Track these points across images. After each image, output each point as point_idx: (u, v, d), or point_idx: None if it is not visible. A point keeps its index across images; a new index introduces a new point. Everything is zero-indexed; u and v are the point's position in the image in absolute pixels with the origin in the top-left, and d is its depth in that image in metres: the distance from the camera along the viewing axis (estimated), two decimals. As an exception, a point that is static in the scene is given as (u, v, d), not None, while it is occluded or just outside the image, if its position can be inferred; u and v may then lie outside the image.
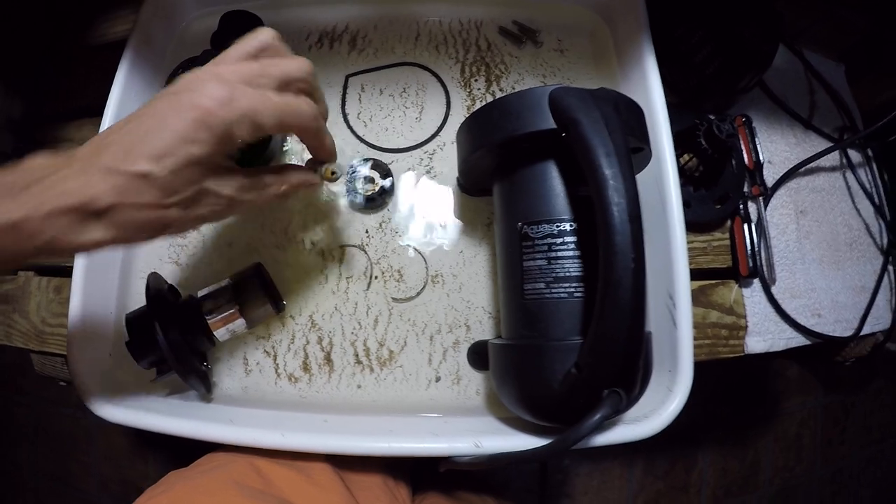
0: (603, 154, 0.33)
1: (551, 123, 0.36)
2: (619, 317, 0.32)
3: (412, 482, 0.54)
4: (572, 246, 0.37)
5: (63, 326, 0.53)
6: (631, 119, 0.39)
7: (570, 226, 0.37)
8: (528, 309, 0.38)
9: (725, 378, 0.40)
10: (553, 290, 0.37)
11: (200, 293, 0.44)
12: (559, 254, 0.37)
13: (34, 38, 0.65)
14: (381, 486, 0.46)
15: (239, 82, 0.31)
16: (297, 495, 0.39)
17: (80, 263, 0.47)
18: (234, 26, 0.50)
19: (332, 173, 0.39)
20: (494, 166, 0.42)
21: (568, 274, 0.37)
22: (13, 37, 0.65)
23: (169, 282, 0.47)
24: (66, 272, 0.53)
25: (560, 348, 0.36)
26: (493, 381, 0.41)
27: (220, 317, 0.43)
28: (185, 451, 0.45)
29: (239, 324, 0.44)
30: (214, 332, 0.43)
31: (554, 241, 0.37)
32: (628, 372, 0.35)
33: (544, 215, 0.38)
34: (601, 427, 0.34)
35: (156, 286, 0.44)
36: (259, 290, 0.43)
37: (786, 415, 1.14)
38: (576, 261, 0.37)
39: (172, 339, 0.41)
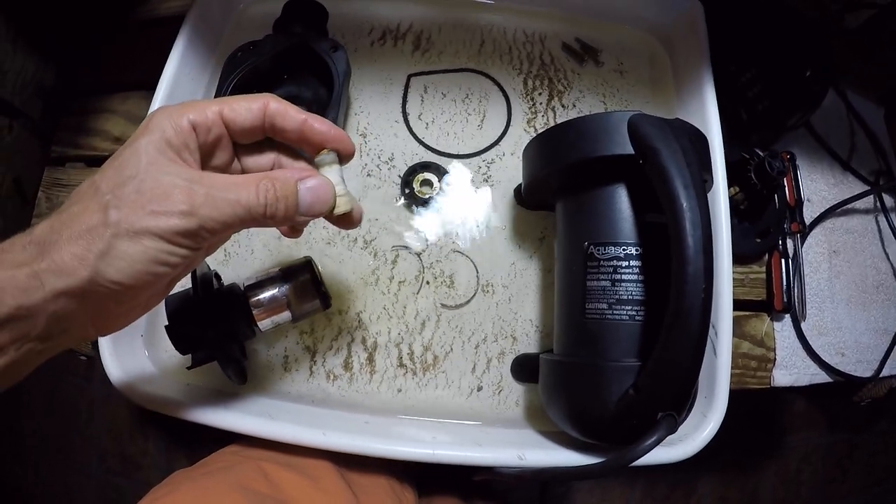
0: (681, 185, 0.35)
1: (629, 149, 0.37)
2: (686, 343, 0.34)
3: (417, 485, 0.55)
4: (637, 270, 0.39)
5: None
6: (701, 151, 0.41)
7: (636, 250, 0.39)
8: (587, 328, 0.40)
9: (732, 407, 0.41)
10: (615, 312, 0.39)
11: (247, 281, 0.45)
12: (623, 276, 0.39)
13: (75, 6, 0.65)
14: (387, 489, 0.47)
15: None
16: (303, 502, 0.39)
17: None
18: (299, 14, 0.51)
19: (328, 152, 0.32)
20: (561, 184, 0.43)
21: (631, 297, 0.38)
22: (53, 4, 0.65)
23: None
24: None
25: (618, 369, 0.38)
26: (542, 395, 0.43)
27: (265, 308, 0.43)
28: (187, 432, 0.44)
29: (284, 316, 0.44)
30: (258, 323, 0.43)
31: (619, 263, 0.39)
32: (685, 397, 0.37)
33: (612, 237, 0.39)
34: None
35: (202, 270, 0.44)
36: (309, 285, 0.44)
37: (789, 449, 1.17)
38: (639, 285, 0.38)
39: (218, 329, 0.42)
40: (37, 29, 0.67)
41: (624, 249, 0.39)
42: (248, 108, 0.30)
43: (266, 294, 0.43)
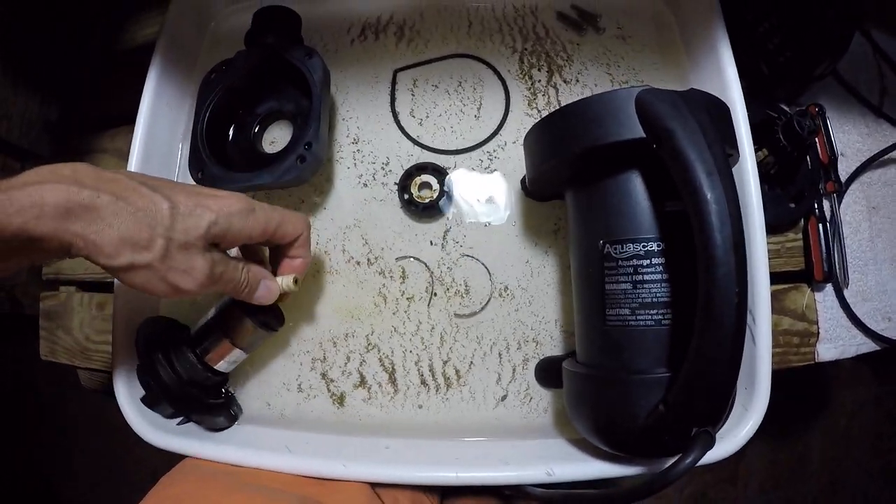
0: (704, 172, 0.28)
1: (640, 132, 0.31)
2: (719, 355, 0.28)
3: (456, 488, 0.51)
4: (660, 268, 0.32)
5: (107, 343, 0.50)
6: (723, 124, 0.34)
7: (658, 246, 0.32)
8: (610, 336, 0.34)
9: (775, 377, 0.37)
10: (639, 317, 0.33)
11: (193, 329, 0.41)
12: (646, 277, 0.32)
13: (68, 42, 0.61)
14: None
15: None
16: (310, 487, 0.37)
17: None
18: (270, 24, 0.45)
19: (295, 281, 0.39)
20: (568, 176, 0.37)
21: (655, 300, 0.32)
22: (47, 42, 0.61)
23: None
24: (109, 288, 0.50)
25: (646, 382, 0.32)
26: (568, 408, 0.37)
27: (214, 352, 0.40)
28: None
29: (237, 354, 0.40)
30: (215, 367, 0.40)
31: (640, 262, 0.33)
32: (720, 411, 0.31)
33: (630, 233, 0.33)
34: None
35: (145, 340, 0.41)
36: (242, 317, 0.39)
37: (836, 406, 1.09)
38: (664, 285, 0.32)
39: (175, 396, 0.39)
40: (34, 68, 0.64)
41: (644, 246, 0.33)
42: (292, 233, 0.37)
43: (209, 339, 0.40)
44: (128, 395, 0.43)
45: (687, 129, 0.29)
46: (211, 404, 0.42)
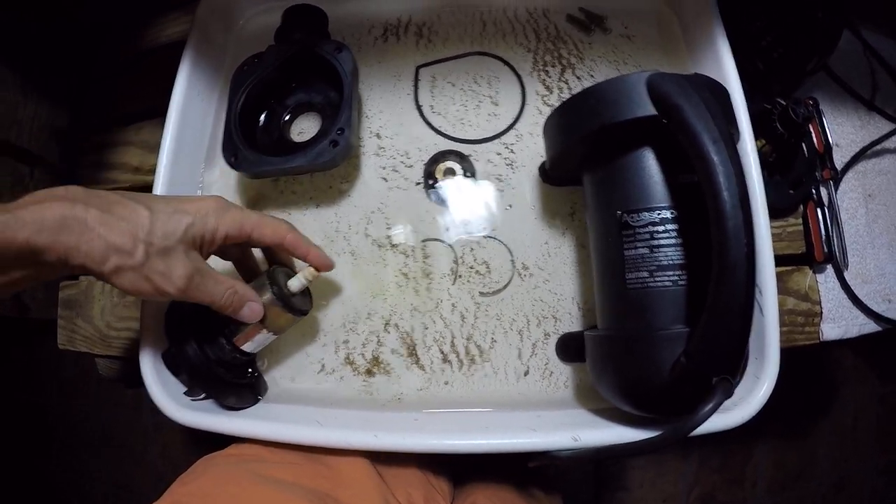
0: (710, 140, 0.34)
1: (651, 110, 0.36)
2: (734, 302, 0.33)
3: (455, 477, 0.55)
4: (674, 234, 0.37)
5: (129, 330, 0.53)
6: (724, 104, 0.40)
7: (671, 213, 0.38)
8: (630, 299, 0.39)
9: (780, 368, 0.40)
10: (657, 279, 0.38)
11: None
12: (661, 242, 0.38)
13: (75, 48, 0.66)
14: (420, 476, 0.47)
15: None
16: (323, 481, 0.40)
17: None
18: (299, 21, 0.51)
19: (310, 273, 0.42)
20: (585, 155, 0.42)
21: (671, 262, 0.37)
22: (53, 49, 0.66)
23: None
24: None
25: (666, 337, 0.36)
26: (591, 372, 0.42)
27: (242, 333, 0.42)
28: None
29: (263, 336, 0.43)
30: (242, 347, 0.43)
31: (656, 228, 0.38)
32: (738, 358, 0.36)
33: (645, 203, 0.38)
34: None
35: (176, 319, 0.44)
36: (273, 303, 0.41)
37: (841, 405, 1.14)
38: (678, 248, 0.37)
39: (203, 380, 0.43)
40: (43, 74, 0.68)
41: (658, 214, 0.38)
42: (272, 234, 0.41)
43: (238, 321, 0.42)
44: (154, 374, 0.45)
45: (692, 104, 0.35)
46: (236, 384, 0.45)
